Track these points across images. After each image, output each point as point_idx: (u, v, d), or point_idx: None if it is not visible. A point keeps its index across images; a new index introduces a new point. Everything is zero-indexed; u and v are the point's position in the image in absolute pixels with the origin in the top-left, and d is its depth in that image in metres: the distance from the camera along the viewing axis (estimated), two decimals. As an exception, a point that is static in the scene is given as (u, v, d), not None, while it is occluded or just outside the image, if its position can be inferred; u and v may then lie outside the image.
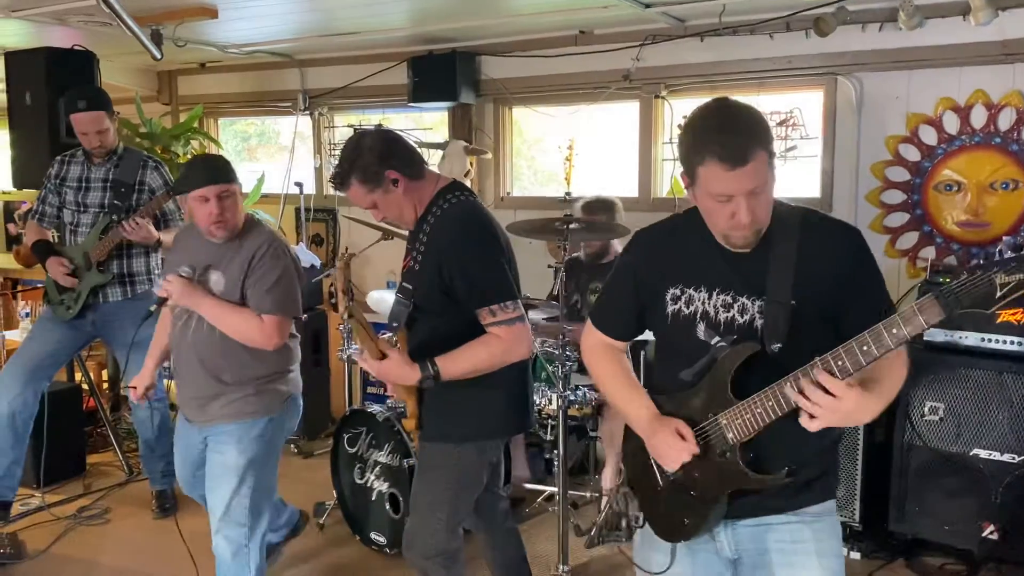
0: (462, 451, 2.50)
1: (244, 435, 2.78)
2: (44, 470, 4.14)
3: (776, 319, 1.73)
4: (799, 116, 4.28)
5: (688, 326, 1.83)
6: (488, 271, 2.37)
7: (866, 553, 3.60)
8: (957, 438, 3.42)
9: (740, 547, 1.89)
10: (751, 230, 1.72)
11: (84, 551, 3.79)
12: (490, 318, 2.35)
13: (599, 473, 4.23)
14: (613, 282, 2.03)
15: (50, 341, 3.94)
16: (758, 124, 1.70)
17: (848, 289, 1.74)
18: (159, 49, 4.35)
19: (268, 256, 2.74)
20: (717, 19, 4.23)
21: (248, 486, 2.78)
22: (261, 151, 6.90)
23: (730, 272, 1.79)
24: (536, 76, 5.01)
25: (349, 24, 4.81)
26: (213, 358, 2.77)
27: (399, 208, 2.47)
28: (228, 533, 2.79)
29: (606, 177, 5.17)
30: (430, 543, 2.52)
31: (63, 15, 4.26)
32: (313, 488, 4.27)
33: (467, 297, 2.37)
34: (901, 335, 1.53)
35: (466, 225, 2.42)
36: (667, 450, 1.82)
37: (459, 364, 2.38)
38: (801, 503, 1.85)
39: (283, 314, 2.75)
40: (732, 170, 1.63)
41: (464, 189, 2.54)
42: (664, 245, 1.91)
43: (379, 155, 2.39)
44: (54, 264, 3.87)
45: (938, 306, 1.48)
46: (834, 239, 1.80)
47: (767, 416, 1.71)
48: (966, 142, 3.96)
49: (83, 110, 3.79)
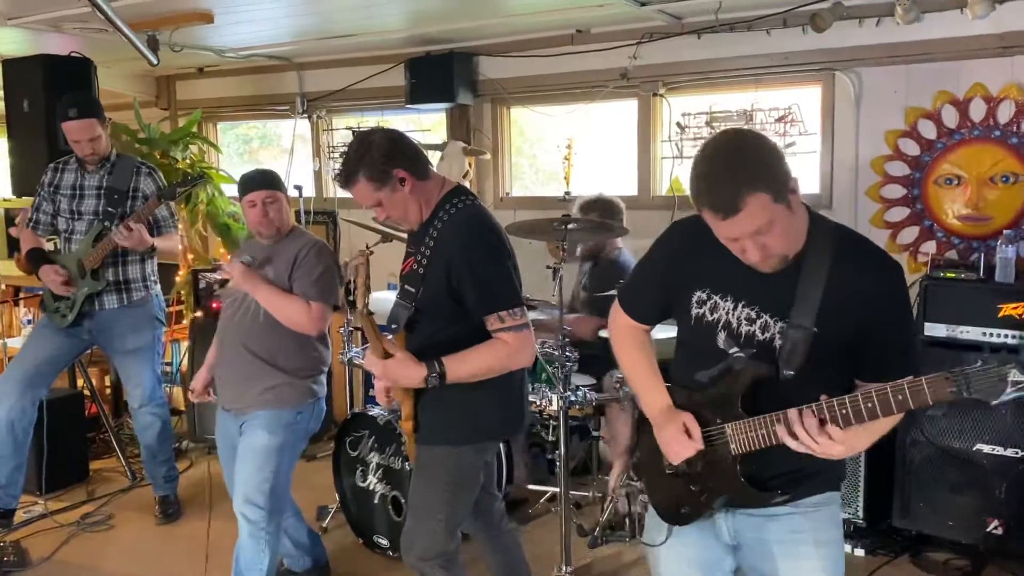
0: (460, 453, 2.50)
1: (274, 422, 2.96)
2: (47, 477, 4.16)
3: (795, 345, 1.73)
4: (797, 112, 4.27)
5: (709, 332, 1.85)
6: (498, 277, 2.38)
7: (870, 549, 3.59)
8: (960, 434, 3.41)
9: (739, 535, 1.93)
10: (767, 264, 1.72)
11: (88, 558, 3.79)
12: (498, 324, 2.35)
13: (602, 473, 4.23)
14: (644, 267, 2.06)
15: (47, 349, 3.94)
16: (755, 164, 1.62)
17: (874, 329, 1.73)
18: (155, 55, 4.35)
19: (312, 253, 3.02)
20: (714, 16, 4.22)
21: (271, 470, 2.93)
22: (263, 154, 6.91)
23: (759, 287, 1.78)
24: (533, 76, 5.01)
25: (346, 26, 4.81)
26: (255, 343, 3.00)
27: (404, 208, 2.44)
28: (248, 514, 2.92)
29: (606, 176, 5.16)
30: (429, 545, 2.51)
31: (58, 22, 4.27)
32: (316, 491, 4.27)
33: (476, 303, 2.37)
34: (906, 404, 1.56)
35: (476, 231, 2.41)
36: (673, 444, 1.87)
37: (466, 366, 2.37)
38: (800, 495, 1.86)
39: (326, 302, 2.99)
40: (725, 220, 1.63)
41: (469, 193, 2.54)
42: (700, 244, 1.83)
43: (387, 153, 2.37)
44: (48, 272, 3.86)
45: (948, 387, 1.50)
46: (869, 277, 1.73)
47: (770, 439, 1.74)
48: (965, 136, 3.95)
49: (74, 118, 3.77)
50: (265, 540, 2.94)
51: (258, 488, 2.92)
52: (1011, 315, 3.35)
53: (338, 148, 5.73)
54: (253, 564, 2.94)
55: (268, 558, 2.95)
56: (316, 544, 3.52)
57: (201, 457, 4.94)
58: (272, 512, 2.94)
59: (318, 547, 3.52)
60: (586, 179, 5.12)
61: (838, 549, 1.90)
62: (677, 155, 4.61)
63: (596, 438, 4.17)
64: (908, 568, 3.51)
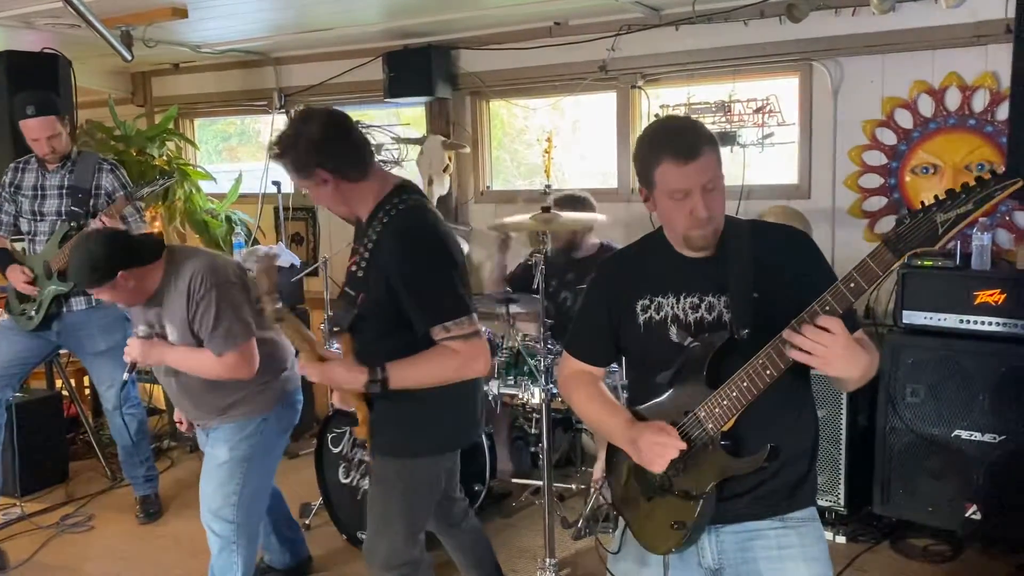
0: (415, 464, 2.43)
1: (234, 435, 2.87)
2: (25, 479, 4.12)
3: (742, 309, 1.79)
4: (775, 103, 4.27)
5: (660, 331, 1.88)
6: (438, 289, 2.25)
7: (851, 536, 3.62)
8: (939, 420, 3.44)
9: (723, 556, 1.89)
10: (709, 227, 1.81)
11: (68, 559, 3.76)
12: (444, 334, 2.24)
13: (585, 465, 4.24)
14: (584, 308, 2.08)
15: (12, 351, 3.88)
16: (704, 128, 1.84)
17: (806, 286, 1.76)
18: (129, 50, 4.30)
19: (200, 292, 2.73)
20: (691, 8, 4.22)
21: (237, 483, 2.85)
22: (242, 150, 6.86)
23: (692, 275, 1.87)
24: (512, 69, 4.99)
25: (322, 20, 4.77)
26: (200, 395, 2.87)
27: (330, 203, 2.36)
28: (216, 527, 2.88)
29: (586, 169, 5.17)
30: (390, 555, 2.46)
31: (29, 18, 4.21)
32: (299, 488, 4.24)
33: (418, 316, 2.26)
34: (860, 288, 1.60)
35: (411, 241, 2.27)
36: (652, 449, 1.81)
37: (411, 373, 2.27)
38: (786, 508, 1.86)
39: (237, 346, 2.75)
40: (685, 164, 1.75)
41: (414, 192, 2.40)
42: (629, 263, 2.00)
43: (315, 149, 2.25)
44: (14, 272, 3.81)
45: (888, 252, 1.56)
46: (786, 241, 1.92)
47: (743, 398, 1.73)
48: (941, 125, 3.97)
49: (32, 116, 3.69)
50: (236, 552, 2.88)
51: (224, 502, 2.85)
52: (987, 302, 3.38)
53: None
54: (230, 565, 2.90)
55: (241, 569, 2.90)
56: (298, 540, 3.51)
57: (183, 456, 4.91)
58: (242, 524, 2.88)
59: (300, 543, 3.51)
60: (567, 172, 5.12)
61: (826, 566, 1.88)
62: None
63: (579, 430, 4.18)
64: (888, 554, 3.54)
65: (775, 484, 1.84)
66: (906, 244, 1.53)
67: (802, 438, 1.91)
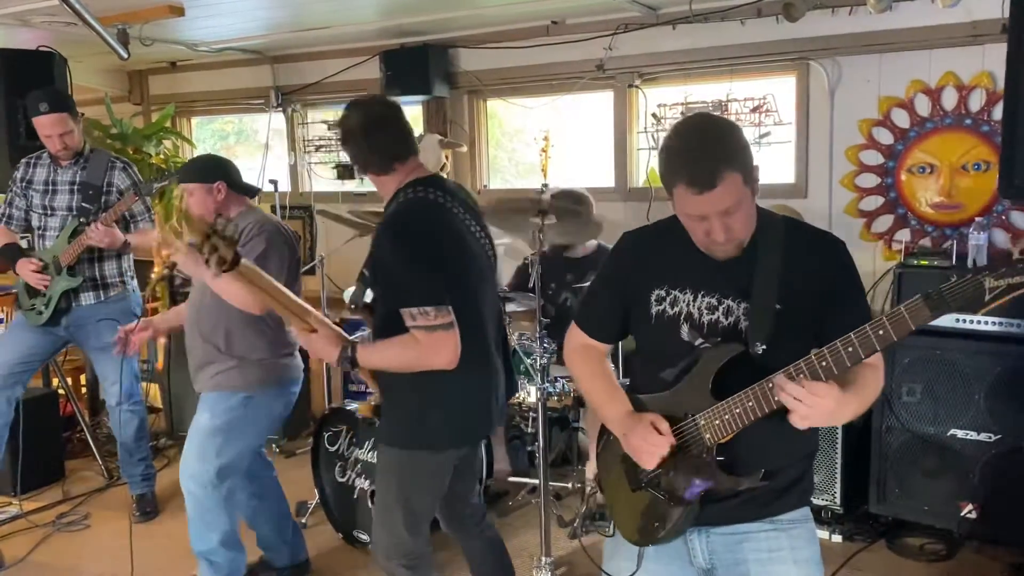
0: (414, 456, 2.46)
1: (217, 404, 2.99)
2: (21, 477, 4.11)
3: (761, 321, 1.72)
4: (772, 102, 4.28)
5: (672, 327, 1.82)
6: (408, 274, 2.29)
7: (847, 536, 3.62)
8: (935, 419, 3.45)
9: (714, 556, 1.87)
10: (730, 246, 1.74)
11: (64, 558, 3.75)
12: (410, 321, 2.28)
13: (582, 464, 4.24)
14: (598, 283, 2.02)
15: (22, 347, 3.89)
16: (730, 144, 1.68)
17: (832, 302, 1.74)
18: (126, 49, 4.28)
19: (253, 235, 2.94)
20: (688, 7, 4.23)
21: (213, 451, 2.96)
22: (240, 149, 6.85)
23: (716, 275, 1.79)
24: (509, 68, 4.99)
25: (319, 19, 4.77)
26: (204, 325, 3.01)
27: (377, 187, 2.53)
28: (191, 488, 3.00)
29: (584, 168, 5.16)
30: (390, 544, 2.50)
31: (25, 16, 4.20)
32: (295, 487, 4.23)
33: (385, 298, 2.36)
34: (888, 336, 1.53)
35: (394, 225, 2.38)
36: (643, 445, 1.78)
37: (374, 356, 2.39)
38: (776, 510, 1.83)
39: None
40: (701, 194, 1.64)
41: (422, 184, 2.45)
42: (651, 246, 1.90)
43: (348, 144, 2.49)
44: (24, 265, 3.81)
45: (927, 308, 1.48)
46: (819, 252, 1.81)
47: (746, 417, 1.70)
48: (938, 124, 3.98)
49: (45, 113, 3.71)
50: (213, 512, 3.01)
51: (201, 467, 2.96)
52: (983, 301, 3.38)
53: (313, 142, 5.68)
54: (202, 538, 3.03)
55: (218, 533, 3.02)
56: (297, 540, 3.51)
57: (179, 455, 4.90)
58: (216, 490, 2.99)
59: (299, 543, 3.51)
60: (564, 171, 5.12)
61: (817, 568, 1.86)
62: (653, 146, 4.62)
63: (576, 429, 4.18)
64: (884, 553, 3.55)
65: (766, 487, 1.80)
66: (947, 305, 1.46)
67: (800, 446, 1.86)
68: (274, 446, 4.89)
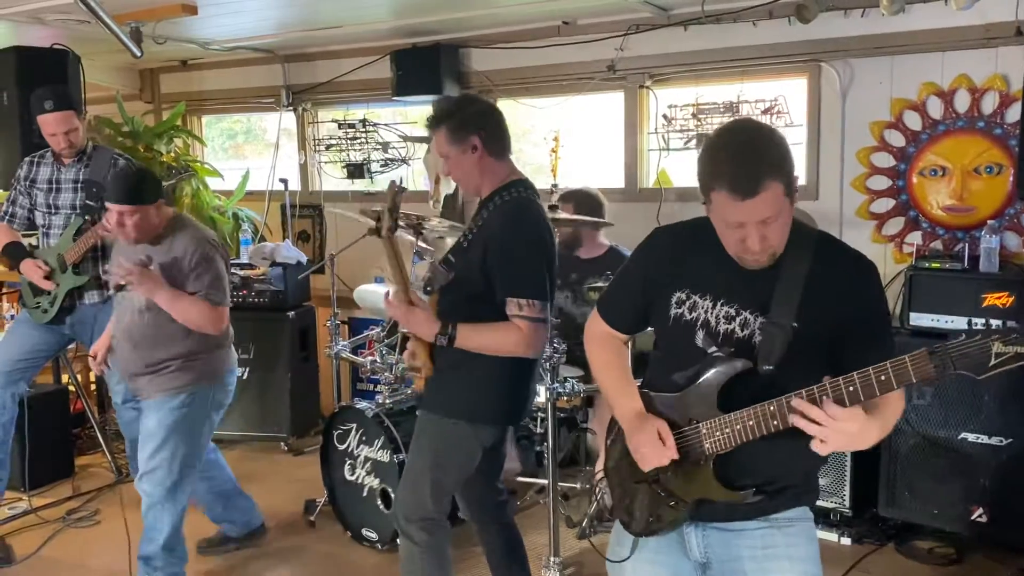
0: (453, 425, 2.58)
1: (164, 406, 3.09)
2: (31, 473, 4.13)
3: (774, 340, 1.72)
4: (783, 104, 4.26)
5: (688, 332, 1.83)
6: (525, 265, 2.48)
7: (856, 538, 3.62)
8: (945, 423, 3.44)
9: (710, 551, 1.88)
10: (763, 256, 1.71)
11: (74, 554, 3.77)
12: (515, 310, 2.45)
13: (590, 465, 4.23)
14: (624, 273, 2.04)
15: (27, 344, 3.90)
16: (776, 153, 1.66)
17: (853, 328, 1.73)
18: (139, 47, 4.30)
19: (206, 252, 3.06)
20: (700, 8, 4.22)
21: (168, 451, 3.08)
22: (248, 148, 6.87)
23: (738, 285, 1.78)
24: (520, 68, 4.99)
25: (330, 18, 4.78)
26: (143, 341, 3.09)
27: (466, 174, 2.60)
28: (147, 488, 3.11)
29: (593, 168, 5.16)
30: (413, 507, 2.62)
31: (40, 13, 4.22)
32: (304, 485, 4.26)
33: (500, 283, 2.47)
34: (889, 384, 1.55)
35: (519, 218, 2.52)
36: (644, 450, 1.83)
37: (476, 337, 2.49)
38: (772, 509, 1.83)
39: (225, 304, 3.10)
40: (742, 201, 1.62)
41: (531, 187, 2.63)
42: (680, 246, 1.90)
43: (479, 116, 2.56)
44: (30, 266, 3.82)
45: (931, 365, 1.49)
46: (850, 275, 1.77)
47: (747, 435, 1.71)
48: (950, 127, 3.96)
49: (50, 110, 3.71)
50: (164, 511, 3.12)
51: (155, 468, 3.08)
52: (995, 304, 3.38)
53: (323, 141, 5.70)
54: (155, 532, 3.14)
55: (168, 527, 3.14)
56: (249, 508, 3.72)
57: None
58: (173, 487, 3.10)
59: (252, 510, 3.73)
60: (573, 172, 5.12)
61: (815, 566, 1.85)
62: (664, 147, 4.61)
63: (584, 429, 4.18)
64: (893, 556, 3.54)
65: (765, 486, 1.81)
66: (950, 364, 1.46)
67: (800, 463, 1.83)
68: (283, 444, 4.90)
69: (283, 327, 4.94)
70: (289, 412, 4.92)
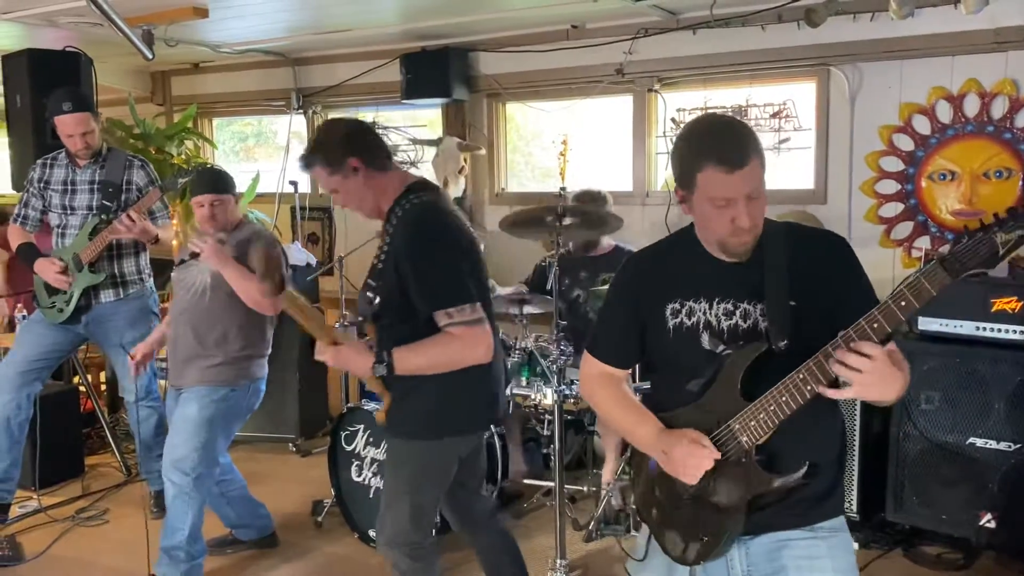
0: (420, 447, 2.50)
1: (207, 396, 3.18)
2: (41, 472, 4.15)
3: (780, 318, 1.73)
4: (792, 108, 4.28)
5: (691, 338, 1.81)
6: (443, 274, 2.36)
7: (864, 543, 3.60)
8: (953, 427, 3.42)
9: (752, 567, 1.85)
10: (750, 236, 1.75)
11: (83, 552, 3.79)
12: (446, 320, 2.33)
13: (596, 467, 4.24)
14: (607, 308, 2.02)
15: (41, 344, 3.92)
16: (751, 133, 1.78)
17: (842, 292, 1.75)
18: (150, 49, 4.34)
19: (262, 241, 3.19)
20: (709, 12, 4.23)
21: (200, 441, 3.14)
22: (259, 151, 6.90)
23: (728, 281, 1.80)
24: (529, 71, 5.01)
25: (341, 21, 4.81)
26: (200, 323, 3.21)
27: (359, 196, 2.49)
28: (174, 477, 3.15)
29: (602, 171, 5.17)
30: (394, 533, 2.56)
31: (53, 16, 4.26)
32: (311, 486, 4.27)
33: (421, 300, 2.36)
34: (911, 306, 1.53)
35: (422, 227, 2.41)
36: (686, 460, 1.77)
37: (415, 358, 2.37)
38: (815, 518, 1.83)
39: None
40: (731, 173, 1.67)
41: (429, 188, 2.53)
42: (657, 263, 1.92)
43: (344, 141, 2.45)
44: (45, 265, 3.85)
45: (943, 271, 1.49)
46: (823, 247, 1.85)
47: (781, 412, 1.69)
48: (959, 131, 3.96)
49: (68, 112, 3.74)
50: (190, 502, 3.16)
51: (187, 456, 3.13)
52: (1004, 309, 3.36)
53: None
54: (179, 522, 3.17)
55: (191, 518, 3.17)
56: (263, 515, 3.72)
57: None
58: (198, 479, 3.15)
59: (265, 518, 3.72)
60: (582, 175, 5.13)
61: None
62: (672, 170, 4.61)
63: (591, 432, 4.18)
64: (901, 562, 3.52)
65: (804, 493, 1.79)
66: (963, 265, 1.46)
67: (830, 447, 1.86)
68: (291, 445, 4.92)
69: (292, 328, 4.92)
70: (297, 413, 4.93)
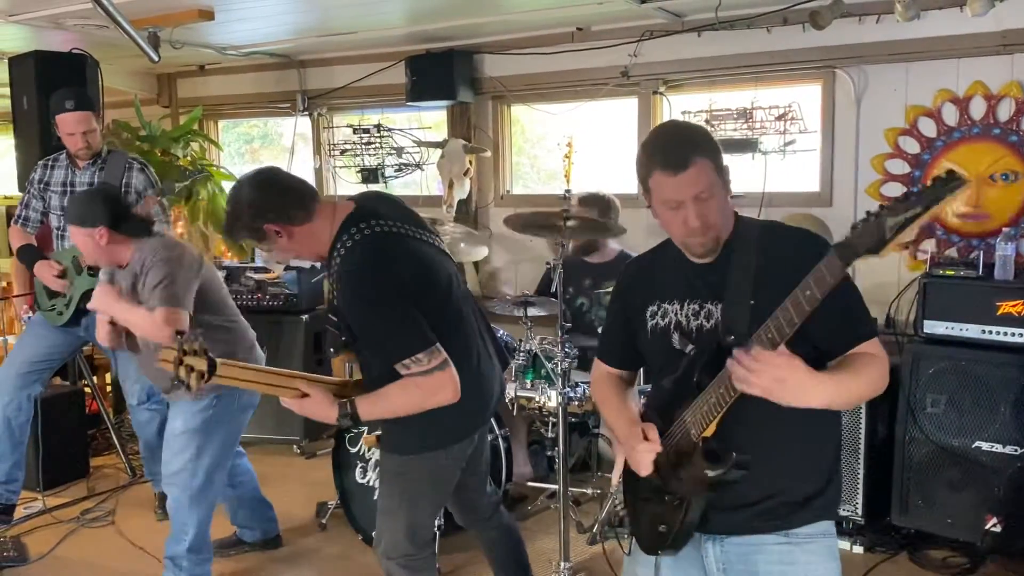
0: (411, 462, 2.47)
1: (189, 409, 3.08)
2: (46, 473, 4.16)
3: (734, 317, 1.78)
4: (798, 110, 4.26)
5: (664, 338, 1.91)
6: (388, 330, 2.25)
7: (869, 547, 3.59)
8: (959, 431, 3.41)
9: (728, 566, 1.86)
10: (706, 236, 1.81)
11: (88, 553, 3.79)
12: (405, 371, 2.26)
13: (601, 470, 4.23)
14: (609, 313, 2.17)
15: (41, 346, 3.93)
16: (699, 133, 1.86)
17: None
18: (156, 52, 4.35)
19: (152, 260, 2.94)
20: (714, 14, 4.22)
21: (191, 453, 3.07)
22: (264, 152, 6.92)
23: (697, 282, 1.88)
24: (534, 74, 5.01)
25: (346, 24, 4.81)
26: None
27: (295, 251, 2.40)
28: (173, 492, 3.12)
29: (607, 174, 5.16)
30: (391, 546, 2.54)
31: (59, 19, 4.27)
32: (315, 488, 4.28)
33: (374, 357, 2.35)
34: (815, 296, 1.55)
35: (352, 288, 2.27)
36: (634, 454, 1.87)
37: (376, 407, 2.33)
38: (792, 523, 1.81)
39: (173, 306, 2.88)
40: (675, 175, 1.75)
41: (364, 220, 2.34)
42: (645, 269, 2.04)
43: (252, 214, 2.30)
44: (43, 268, 3.85)
45: (838, 260, 1.52)
46: (796, 245, 1.83)
47: (720, 403, 1.71)
48: (965, 133, 3.95)
49: (70, 110, 3.75)
50: (191, 512, 3.11)
51: (181, 470, 3.08)
52: (1010, 312, 3.35)
53: (339, 146, 5.73)
54: (181, 532, 3.13)
55: (194, 526, 3.13)
56: (269, 517, 3.70)
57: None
58: (199, 489, 3.09)
59: (271, 520, 3.71)
60: (587, 178, 5.12)
61: None
62: None
63: (595, 435, 4.17)
64: (906, 565, 3.51)
65: (780, 499, 1.80)
66: (854, 250, 1.49)
67: (813, 454, 1.84)
68: (295, 447, 4.92)
69: (296, 330, 4.95)
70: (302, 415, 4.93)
